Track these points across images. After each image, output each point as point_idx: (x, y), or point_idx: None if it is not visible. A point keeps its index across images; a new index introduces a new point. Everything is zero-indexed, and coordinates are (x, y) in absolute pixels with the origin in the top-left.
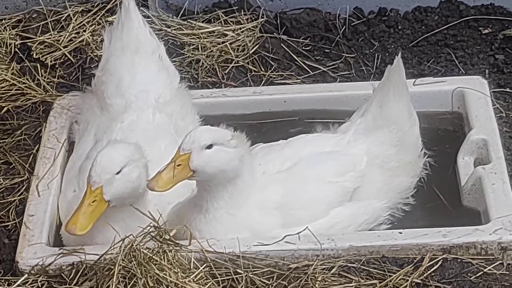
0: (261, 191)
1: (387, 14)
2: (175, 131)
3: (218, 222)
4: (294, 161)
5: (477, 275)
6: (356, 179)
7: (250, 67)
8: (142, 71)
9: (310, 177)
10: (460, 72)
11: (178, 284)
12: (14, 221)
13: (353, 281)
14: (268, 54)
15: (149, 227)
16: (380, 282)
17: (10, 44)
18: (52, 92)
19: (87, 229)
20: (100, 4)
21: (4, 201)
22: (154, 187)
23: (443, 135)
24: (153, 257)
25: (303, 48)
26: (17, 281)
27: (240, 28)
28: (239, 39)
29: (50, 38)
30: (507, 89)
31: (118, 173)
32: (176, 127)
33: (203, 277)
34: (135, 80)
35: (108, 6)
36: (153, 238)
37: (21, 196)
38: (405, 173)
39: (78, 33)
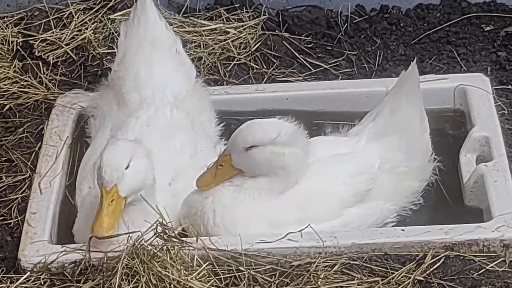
0: None
1: (389, 11)
2: (192, 128)
3: (242, 203)
4: (311, 161)
5: (480, 272)
6: (369, 181)
7: (252, 64)
8: (160, 67)
9: (326, 177)
10: (462, 69)
11: (180, 281)
12: (17, 219)
13: (356, 278)
14: (270, 52)
15: (155, 224)
16: (382, 279)
17: (12, 42)
18: (54, 90)
19: (114, 228)
20: (102, 2)
21: (6, 198)
22: (196, 185)
23: (445, 132)
24: (157, 253)
25: (305, 45)
26: (20, 278)
27: (242, 26)
28: (241, 37)
29: (52, 36)
30: (509, 86)
31: (127, 168)
32: (194, 123)
33: (206, 275)
34: (152, 75)
35: (110, 4)
36: (158, 236)
37: (23, 194)
38: (414, 177)
39: (80, 30)
